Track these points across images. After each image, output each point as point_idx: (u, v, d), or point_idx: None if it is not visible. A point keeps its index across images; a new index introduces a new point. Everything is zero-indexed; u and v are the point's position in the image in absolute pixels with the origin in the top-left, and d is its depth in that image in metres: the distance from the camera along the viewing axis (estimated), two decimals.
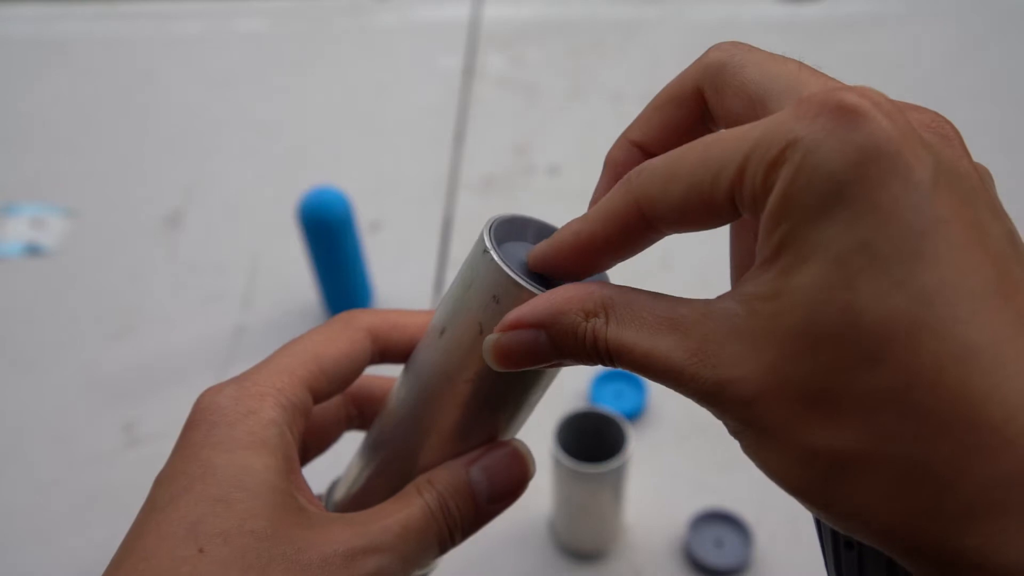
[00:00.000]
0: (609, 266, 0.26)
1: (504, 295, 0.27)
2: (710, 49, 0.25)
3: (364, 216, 0.82)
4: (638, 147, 0.27)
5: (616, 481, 0.59)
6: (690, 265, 0.80)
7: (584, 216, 0.25)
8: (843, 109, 0.20)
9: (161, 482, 0.27)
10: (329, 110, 1.03)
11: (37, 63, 1.10)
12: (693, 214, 0.22)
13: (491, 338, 0.26)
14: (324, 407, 0.34)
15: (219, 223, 0.89)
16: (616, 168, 0.27)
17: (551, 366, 0.26)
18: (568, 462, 0.57)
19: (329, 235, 0.72)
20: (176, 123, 1.02)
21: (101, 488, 0.69)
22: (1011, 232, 0.22)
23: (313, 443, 0.34)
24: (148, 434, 0.72)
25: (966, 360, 0.19)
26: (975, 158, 0.23)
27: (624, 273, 0.27)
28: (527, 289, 0.26)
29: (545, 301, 0.25)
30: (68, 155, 0.98)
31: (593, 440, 0.60)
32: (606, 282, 0.25)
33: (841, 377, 0.20)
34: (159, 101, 1.05)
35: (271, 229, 0.86)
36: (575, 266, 0.26)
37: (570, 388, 0.72)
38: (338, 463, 0.36)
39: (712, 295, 0.23)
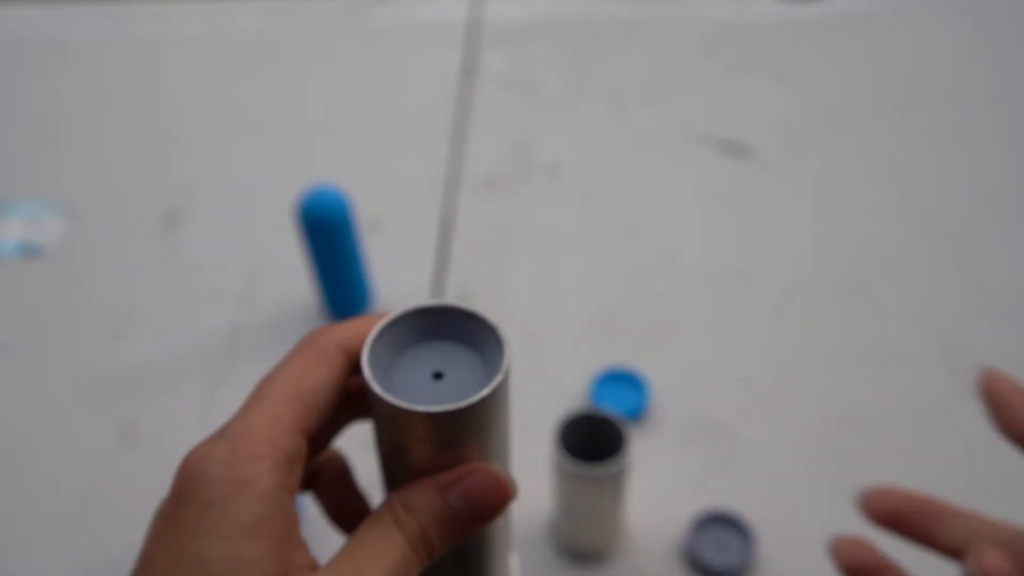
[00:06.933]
0: None
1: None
2: None
3: (364, 215, 0.82)
4: None
5: (617, 483, 0.58)
6: (692, 258, 0.79)
7: None
8: None
9: (151, 568, 0.27)
10: (328, 109, 1.02)
11: (36, 63, 1.10)
12: None
13: None
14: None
15: (217, 223, 0.89)
16: None
17: None
18: (569, 464, 0.57)
19: (328, 234, 0.71)
20: (174, 122, 1.02)
21: (98, 489, 0.69)
22: None
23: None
24: (145, 435, 0.72)
25: None
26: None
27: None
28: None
29: None
30: (65, 154, 0.98)
31: (594, 440, 0.59)
32: None
33: None
34: (158, 100, 1.05)
35: (269, 228, 0.86)
36: None
37: (571, 388, 0.72)
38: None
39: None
